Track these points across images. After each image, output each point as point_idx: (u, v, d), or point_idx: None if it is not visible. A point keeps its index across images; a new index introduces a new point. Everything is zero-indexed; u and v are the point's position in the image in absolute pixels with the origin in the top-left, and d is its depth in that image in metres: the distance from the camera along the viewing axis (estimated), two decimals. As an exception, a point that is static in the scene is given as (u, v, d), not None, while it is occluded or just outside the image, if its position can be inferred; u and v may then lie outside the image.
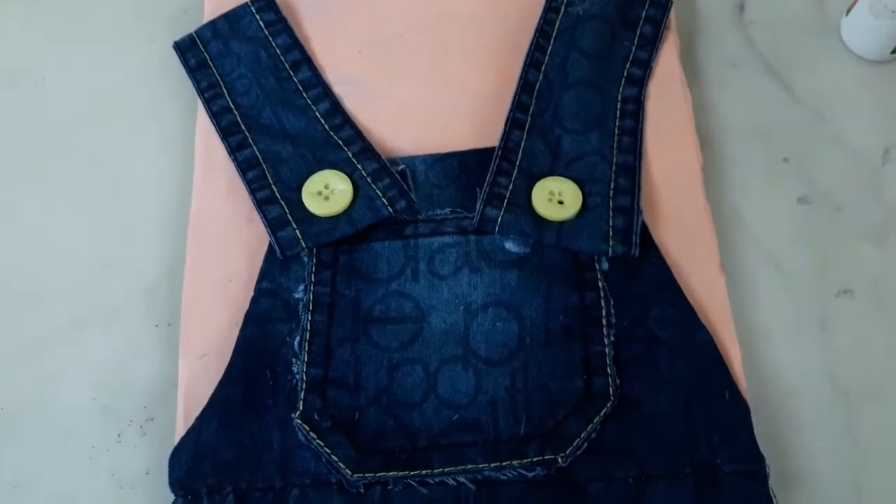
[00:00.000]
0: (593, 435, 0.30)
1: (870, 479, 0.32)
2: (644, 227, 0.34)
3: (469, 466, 0.30)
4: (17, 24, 0.42)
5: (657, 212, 0.35)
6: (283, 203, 0.34)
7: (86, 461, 0.33)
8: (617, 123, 0.36)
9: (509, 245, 0.34)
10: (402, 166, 0.36)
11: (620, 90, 0.37)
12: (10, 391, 0.34)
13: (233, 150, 0.36)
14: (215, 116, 0.37)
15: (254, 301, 0.33)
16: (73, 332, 0.35)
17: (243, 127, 0.37)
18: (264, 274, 0.34)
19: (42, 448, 0.33)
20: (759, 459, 0.30)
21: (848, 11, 0.39)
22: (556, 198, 0.34)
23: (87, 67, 0.41)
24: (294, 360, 0.32)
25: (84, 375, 0.35)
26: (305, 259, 0.34)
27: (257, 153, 0.36)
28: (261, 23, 0.39)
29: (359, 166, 0.35)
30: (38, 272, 0.37)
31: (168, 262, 0.36)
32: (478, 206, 0.34)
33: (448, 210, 0.35)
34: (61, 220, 0.38)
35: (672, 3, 0.38)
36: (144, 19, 0.42)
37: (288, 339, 0.33)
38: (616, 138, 0.35)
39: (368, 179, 0.35)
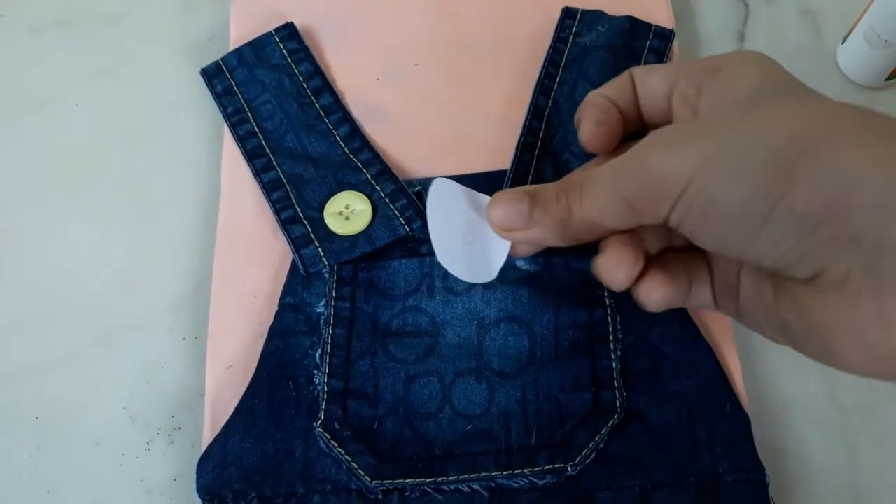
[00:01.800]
0: (601, 445, 0.31)
1: (866, 485, 0.33)
2: (649, 247, 0.35)
3: (483, 474, 0.31)
4: (51, 54, 0.44)
5: (661, 232, 0.36)
6: (306, 223, 0.36)
7: (116, 468, 0.34)
8: (623, 148, 0.37)
9: (521, 263, 0.35)
10: (418, 187, 0.37)
11: (626, 116, 0.38)
12: (43, 400, 0.36)
13: (258, 172, 0.37)
14: (241, 140, 0.38)
15: (277, 315, 0.35)
16: (104, 344, 0.37)
17: (268, 150, 0.38)
18: (287, 289, 0.35)
19: (74, 455, 0.35)
20: (759, 469, 0.31)
21: (844, 40, 0.41)
22: (565, 218, 0.35)
23: (117, 93, 0.43)
24: (316, 371, 0.34)
25: (115, 386, 0.36)
26: (327, 276, 0.35)
27: (281, 175, 0.37)
28: (284, 51, 0.40)
29: (377, 188, 0.36)
30: (73, 287, 0.38)
31: (195, 278, 0.38)
32: (490, 225, 0.35)
33: (462, 229, 0.36)
34: (95, 237, 0.39)
35: (675, 33, 0.40)
36: (171, 47, 0.44)
37: (310, 351, 0.34)
38: (622, 162, 0.37)
39: (387, 200, 0.36)
